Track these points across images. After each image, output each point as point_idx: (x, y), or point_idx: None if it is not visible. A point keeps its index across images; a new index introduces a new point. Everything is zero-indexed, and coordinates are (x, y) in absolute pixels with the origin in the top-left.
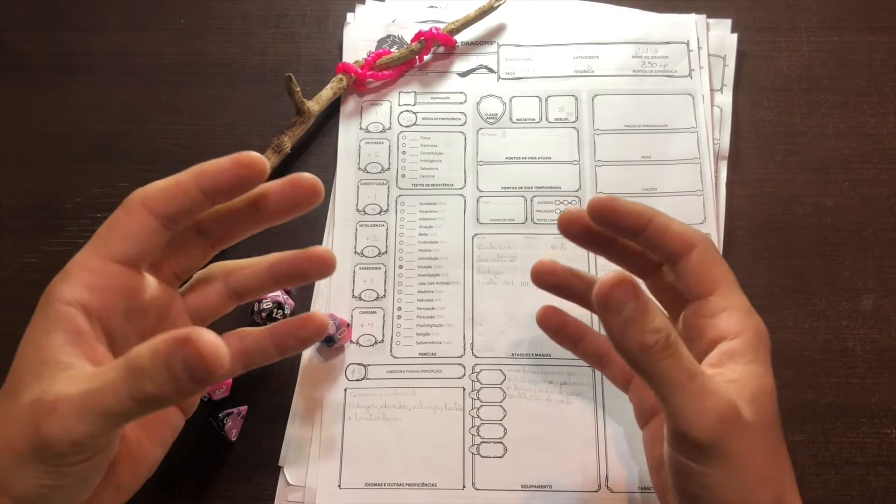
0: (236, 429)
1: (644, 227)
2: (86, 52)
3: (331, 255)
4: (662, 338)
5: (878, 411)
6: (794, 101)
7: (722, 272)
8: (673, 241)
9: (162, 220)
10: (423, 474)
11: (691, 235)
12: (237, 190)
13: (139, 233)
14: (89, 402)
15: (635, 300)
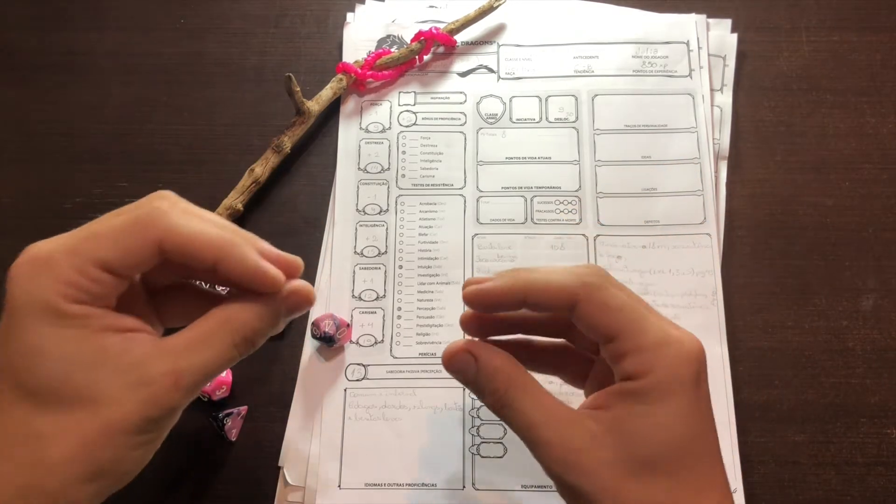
0: (236, 429)
1: (523, 301)
2: (86, 52)
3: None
4: (498, 397)
5: (878, 411)
6: (794, 101)
7: (614, 318)
8: (554, 304)
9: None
10: (423, 474)
11: (569, 291)
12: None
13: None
14: (206, 373)
15: (475, 364)
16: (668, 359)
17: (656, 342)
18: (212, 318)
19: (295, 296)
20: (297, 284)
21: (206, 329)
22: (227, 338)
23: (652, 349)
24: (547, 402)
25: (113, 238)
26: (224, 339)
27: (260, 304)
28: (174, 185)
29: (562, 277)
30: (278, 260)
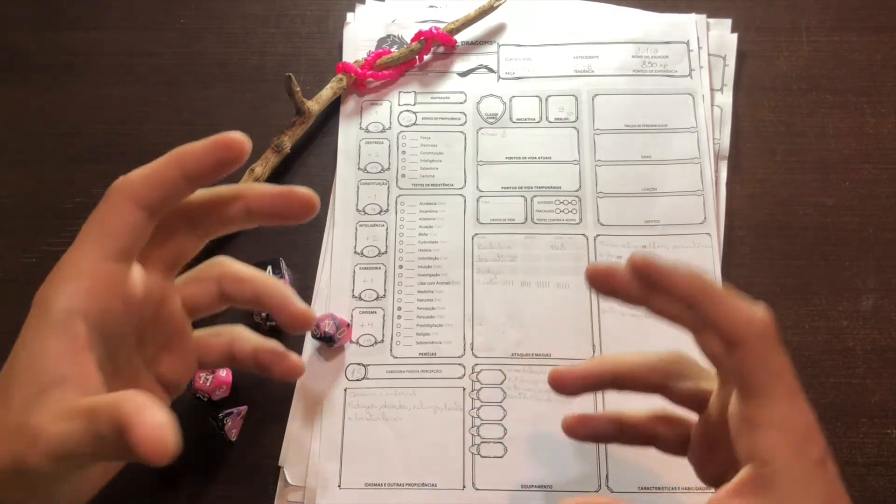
0: (236, 429)
1: (692, 304)
2: (86, 52)
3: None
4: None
5: (878, 411)
6: (794, 101)
7: (768, 380)
8: (721, 329)
9: (147, 210)
10: (423, 474)
11: (742, 328)
12: (218, 172)
13: (127, 226)
14: (60, 447)
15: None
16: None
17: (792, 426)
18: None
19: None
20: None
21: (91, 404)
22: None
23: (787, 432)
24: None
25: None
26: (87, 422)
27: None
28: None
29: (742, 308)
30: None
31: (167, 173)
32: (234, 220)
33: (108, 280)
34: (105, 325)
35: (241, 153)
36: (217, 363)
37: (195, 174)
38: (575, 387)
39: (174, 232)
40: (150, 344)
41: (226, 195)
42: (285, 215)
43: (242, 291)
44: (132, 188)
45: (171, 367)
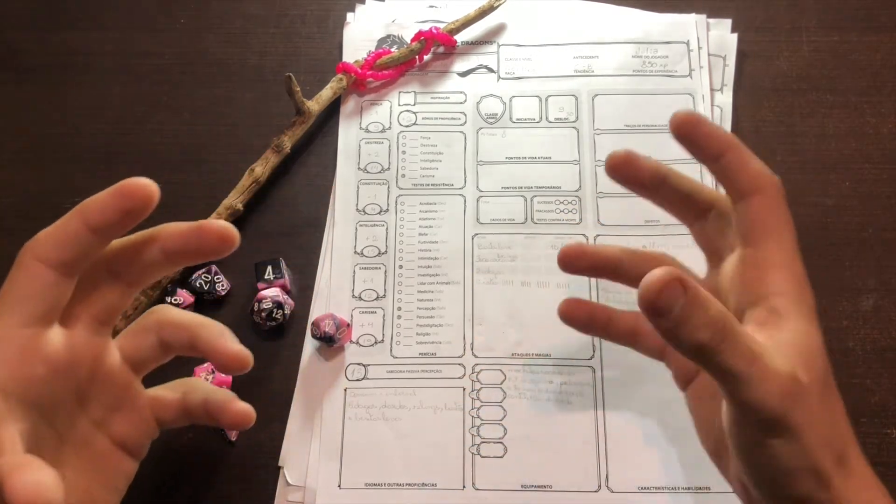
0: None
1: (722, 152)
2: (86, 52)
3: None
4: (718, 330)
5: (878, 411)
6: (794, 101)
7: (779, 225)
8: (743, 177)
9: (58, 269)
10: (423, 474)
11: (763, 178)
12: (125, 221)
13: (38, 288)
14: None
15: (683, 296)
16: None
17: (795, 266)
18: None
19: None
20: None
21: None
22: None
23: (792, 269)
24: (749, 332)
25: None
26: None
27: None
28: (174, 184)
29: (761, 164)
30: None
31: (72, 229)
32: (154, 265)
33: (24, 347)
34: (28, 392)
35: (146, 200)
36: (174, 420)
37: (100, 226)
38: (629, 173)
39: (98, 286)
40: (96, 405)
41: (139, 240)
42: (201, 251)
43: (179, 338)
44: (39, 249)
45: (125, 428)
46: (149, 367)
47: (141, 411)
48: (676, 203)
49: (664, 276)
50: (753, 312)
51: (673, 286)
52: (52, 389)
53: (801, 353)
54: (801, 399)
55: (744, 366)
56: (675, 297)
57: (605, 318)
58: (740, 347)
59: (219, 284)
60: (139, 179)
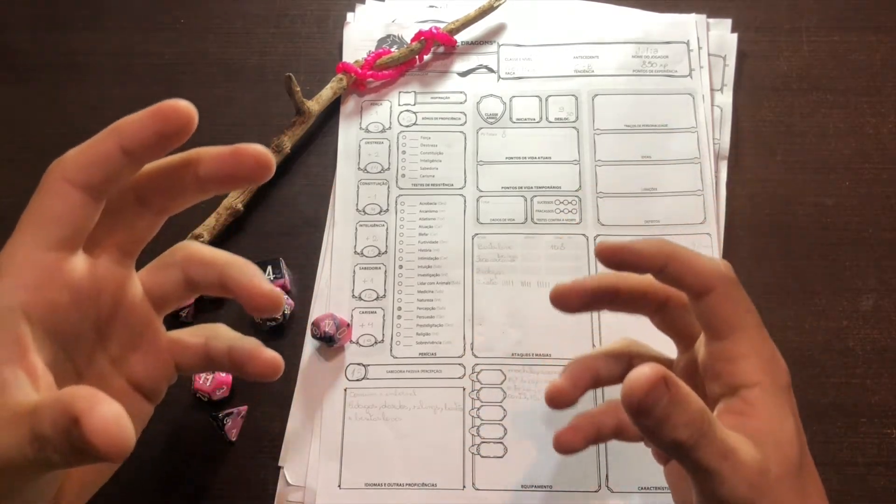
0: (236, 429)
1: (661, 268)
2: (86, 52)
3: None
4: (696, 429)
5: (878, 411)
6: (794, 101)
7: (740, 315)
8: (691, 282)
9: (87, 192)
10: (423, 474)
11: (711, 277)
12: (161, 145)
13: (65, 210)
14: (2, 458)
15: (667, 394)
16: (775, 369)
17: (768, 353)
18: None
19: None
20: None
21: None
22: (24, 429)
23: (766, 358)
24: (722, 426)
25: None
26: (22, 430)
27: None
28: None
29: (706, 261)
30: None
31: (104, 149)
32: (186, 192)
33: (50, 271)
34: (52, 319)
35: (185, 123)
36: (194, 366)
37: (135, 148)
38: (578, 302)
39: (125, 213)
40: (115, 341)
41: (174, 165)
42: (238, 175)
43: (207, 275)
44: (67, 169)
45: (142, 369)
46: (171, 306)
47: (160, 352)
48: (633, 306)
49: (650, 376)
50: (728, 402)
51: (657, 386)
52: (74, 319)
53: (774, 443)
54: (769, 491)
55: (717, 462)
56: (658, 396)
57: (595, 430)
58: (716, 444)
59: None
60: (178, 101)
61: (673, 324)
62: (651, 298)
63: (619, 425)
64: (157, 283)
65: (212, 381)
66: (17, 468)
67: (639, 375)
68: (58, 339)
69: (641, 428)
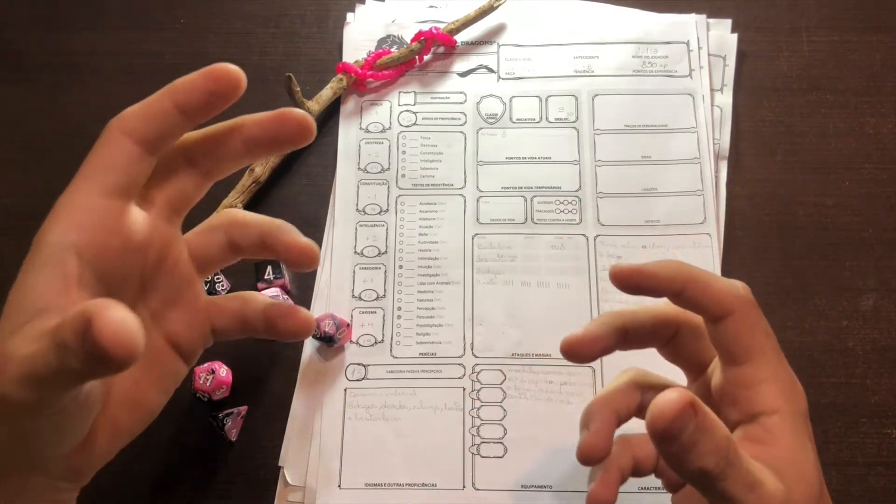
0: (236, 429)
1: (679, 292)
2: (86, 52)
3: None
4: (723, 457)
5: (878, 411)
6: (794, 101)
7: (758, 340)
8: (710, 306)
9: (143, 145)
10: (423, 474)
11: (729, 300)
12: (213, 105)
13: (122, 161)
14: (28, 367)
15: (693, 420)
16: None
17: (786, 379)
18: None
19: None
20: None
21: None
22: (48, 339)
23: (784, 384)
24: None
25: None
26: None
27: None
28: None
29: (726, 284)
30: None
31: (160, 106)
32: (233, 155)
33: (104, 216)
34: (101, 262)
35: (235, 85)
36: (230, 328)
37: (188, 106)
38: (591, 351)
39: (175, 172)
40: (156, 295)
41: (222, 129)
42: (281, 139)
43: (248, 236)
44: (126, 123)
45: (180, 327)
46: (214, 268)
47: (198, 313)
48: (645, 341)
49: (677, 401)
50: (747, 429)
51: (685, 413)
52: (122, 266)
53: (796, 474)
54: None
55: (743, 494)
56: (685, 421)
57: (620, 478)
58: (742, 474)
59: (219, 284)
60: (228, 65)
61: (682, 353)
62: (661, 333)
63: (635, 463)
64: (201, 244)
65: (212, 381)
66: (42, 378)
67: (666, 401)
68: (104, 283)
69: (666, 456)
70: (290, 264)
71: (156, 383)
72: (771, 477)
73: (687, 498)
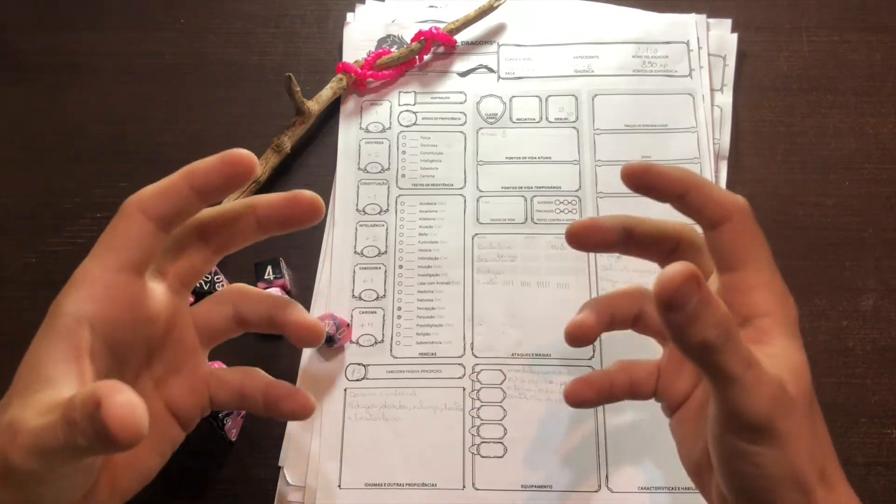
0: (236, 429)
1: (683, 194)
2: (86, 52)
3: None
4: (724, 330)
5: (878, 411)
6: (794, 101)
7: (755, 247)
8: (710, 210)
9: (158, 223)
10: (423, 474)
11: (729, 206)
12: (228, 187)
13: (137, 237)
14: (37, 440)
15: (698, 293)
16: (786, 300)
17: (778, 285)
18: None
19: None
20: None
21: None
22: (58, 414)
23: (776, 289)
24: None
25: (107, 236)
26: (57, 415)
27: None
28: None
29: (726, 192)
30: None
31: (178, 188)
32: (246, 234)
33: (118, 289)
34: (113, 335)
35: (250, 170)
36: (228, 401)
37: (204, 188)
38: (595, 240)
39: (186, 247)
40: (160, 364)
41: (237, 209)
42: (293, 221)
43: (257, 310)
44: (143, 201)
45: (180, 395)
46: (218, 340)
47: (199, 382)
48: (646, 249)
49: (683, 271)
50: (742, 332)
51: (690, 282)
52: (131, 337)
53: (789, 368)
54: (788, 409)
55: (741, 369)
56: (691, 293)
57: (608, 384)
58: (741, 351)
59: (219, 284)
60: (242, 151)
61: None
62: (663, 244)
63: (632, 383)
64: (209, 315)
65: None
66: (50, 451)
67: (674, 271)
68: (113, 353)
69: (671, 327)
70: (296, 342)
71: (153, 448)
72: (766, 362)
73: (684, 420)
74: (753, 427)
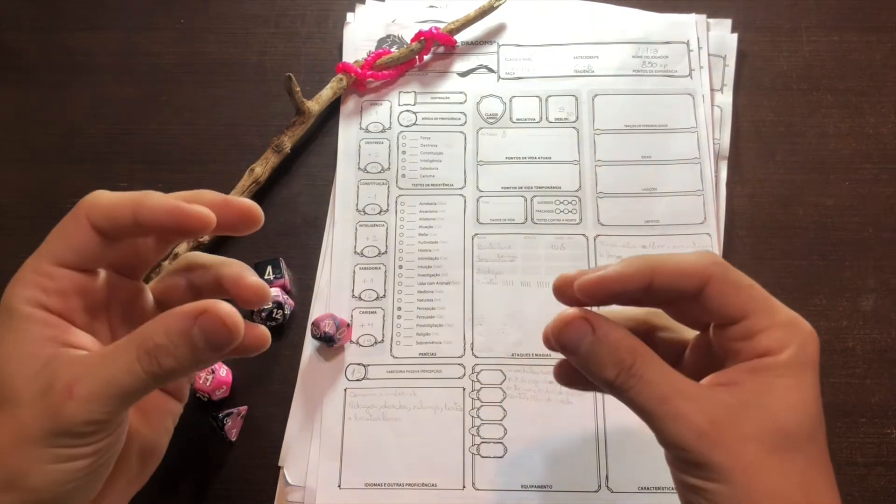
0: (236, 429)
1: (649, 283)
2: (86, 52)
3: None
4: (624, 369)
5: (878, 411)
6: (794, 101)
7: (746, 297)
8: (686, 283)
9: (102, 234)
10: (423, 474)
11: (703, 269)
12: (173, 235)
13: (81, 243)
14: (107, 385)
15: (592, 335)
16: (801, 336)
17: (788, 321)
18: (129, 335)
19: (209, 316)
20: (213, 304)
21: (118, 344)
22: (131, 351)
23: (786, 326)
24: (675, 374)
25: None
26: (129, 352)
27: (169, 318)
28: (174, 185)
29: (692, 258)
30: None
31: (124, 211)
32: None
33: (64, 282)
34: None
35: (203, 228)
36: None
37: (147, 225)
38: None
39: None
40: None
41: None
42: (225, 226)
43: (205, 277)
44: (92, 211)
45: None
46: None
47: None
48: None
49: (570, 315)
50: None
51: (577, 325)
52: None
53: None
54: (730, 444)
55: (654, 405)
56: (580, 335)
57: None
58: (652, 387)
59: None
60: (202, 210)
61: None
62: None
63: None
64: (165, 290)
65: (212, 381)
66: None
67: (563, 315)
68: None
69: (575, 365)
70: (242, 304)
71: (159, 427)
72: (720, 397)
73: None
74: (686, 460)
